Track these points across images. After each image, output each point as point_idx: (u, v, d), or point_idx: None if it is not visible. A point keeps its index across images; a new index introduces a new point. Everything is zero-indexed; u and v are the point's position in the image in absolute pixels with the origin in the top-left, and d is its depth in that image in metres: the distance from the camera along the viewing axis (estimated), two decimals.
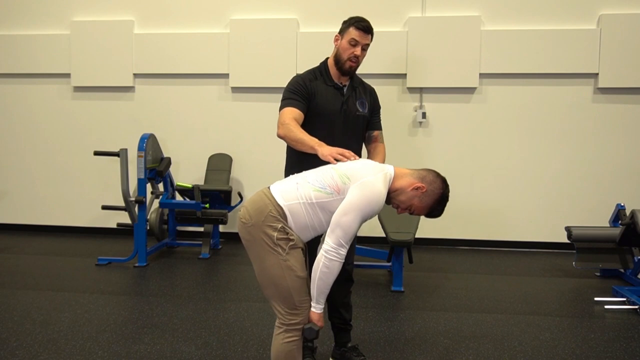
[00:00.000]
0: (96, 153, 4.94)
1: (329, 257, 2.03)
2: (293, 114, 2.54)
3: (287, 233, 2.09)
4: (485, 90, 5.42)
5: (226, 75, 5.66)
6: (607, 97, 5.29)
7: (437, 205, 2.21)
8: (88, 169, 5.88)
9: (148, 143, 4.73)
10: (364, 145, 2.85)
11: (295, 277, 2.10)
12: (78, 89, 5.92)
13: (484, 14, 5.35)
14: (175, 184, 5.36)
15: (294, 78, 2.70)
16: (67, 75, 5.87)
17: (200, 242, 5.19)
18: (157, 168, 4.93)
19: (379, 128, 2.84)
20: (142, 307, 3.69)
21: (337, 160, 2.24)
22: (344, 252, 2.05)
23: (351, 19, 2.70)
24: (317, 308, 2.11)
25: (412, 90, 5.47)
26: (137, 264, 4.69)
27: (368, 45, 2.69)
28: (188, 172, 5.74)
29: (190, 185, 5.11)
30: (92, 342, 3.07)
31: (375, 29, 5.92)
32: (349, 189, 2.07)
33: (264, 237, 2.09)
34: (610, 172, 5.31)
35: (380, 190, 2.09)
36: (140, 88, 5.84)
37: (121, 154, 4.66)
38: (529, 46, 5.26)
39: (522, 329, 3.36)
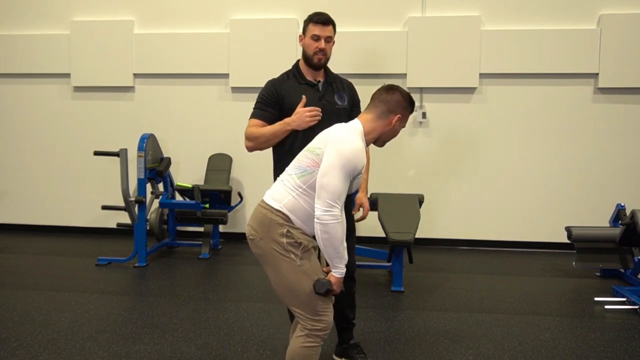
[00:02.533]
0: (96, 153, 4.94)
1: (323, 222, 1.99)
2: (255, 125, 2.65)
3: (294, 237, 2.07)
4: (485, 90, 5.42)
5: (226, 75, 5.66)
6: (607, 97, 5.29)
7: (409, 105, 2.26)
8: (88, 169, 5.88)
9: (148, 143, 4.73)
10: None
11: (312, 282, 2.08)
12: (78, 89, 5.92)
13: (484, 14, 5.35)
14: (175, 184, 5.36)
15: (266, 83, 2.74)
16: (67, 75, 5.87)
17: (200, 242, 5.19)
18: (157, 168, 4.93)
19: None
20: (142, 307, 3.69)
21: (312, 118, 2.48)
22: (337, 211, 2.01)
23: (310, 16, 2.75)
24: (336, 273, 2.07)
25: (412, 90, 5.45)
26: (137, 264, 4.69)
27: (331, 37, 2.72)
28: (188, 172, 5.74)
29: (190, 185, 5.11)
30: (92, 342, 3.07)
31: (375, 29, 5.91)
32: (324, 154, 2.07)
33: (274, 246, 2.08)
34: (610, 172, 5.31)
35: (355, 142, 2.08)
36: (140, 88, 5.84)
37: (121, 154, 4.66)
38: (529, 46, 5.25)
39: (522, 329, 3.36)
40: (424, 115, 5.41)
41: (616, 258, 4.35)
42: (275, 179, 2.67)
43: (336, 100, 2.70)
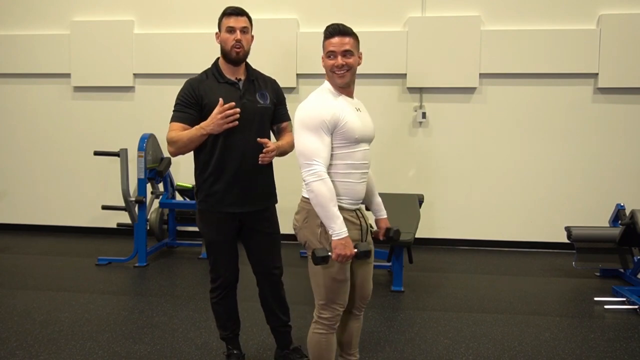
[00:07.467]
0: (96, 153, 4.94)
1: (306, 182, 2.08)
2: (176, 129, 2.54)
3: (327, 232, 2.13)
4: (485, 90, 5.42)
5: None
6: (607, 97, 5.29)
7: (323, 35, 2.21)
8: (88, 169, 5.88)
9: (148, 143, 4.73)
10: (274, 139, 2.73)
11: (330, 279, 2.17)
12: (78, 89, 5.92)
13: (484, 14, 5.35)
14: (175, 184, 5.36)
15: (184, 84, 2.64)
16: (67, 75, 5.87)
17: (200, 242, 5.19)
18: (157, 168, 4.93)
19: (288, 119, 2.72)
20: (142, 307, 3.69)
21: (226, 121, 2.40)
22: (316, 169, 2.06)
23: (223, 11, 2.61)
24: (334, 234, 2.07)
25: (412, 90, 5.47)
26: (137, 264, 4.69)
27: (247, 28, 2.58)
28: (188, 172, 5.72)
29: (190, 185, 5.11)
30: (92, 342, 3.07)
31: (375, 29, 5.89)
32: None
33: (310, 235, 2.19)
34: (610, 172, 5.31)
35: (310, 99, 2.17)
36: (140, 88, 5.84)
37: (121, 154, 4.66)
38: (529, 46, 5.25)
39: (522, 329, 3.36)
40: (424, 115, 5.40)
41: (616, 258, 4.35)
42: (197, 184, 2.63)
43: (258, 99, 2.58)
